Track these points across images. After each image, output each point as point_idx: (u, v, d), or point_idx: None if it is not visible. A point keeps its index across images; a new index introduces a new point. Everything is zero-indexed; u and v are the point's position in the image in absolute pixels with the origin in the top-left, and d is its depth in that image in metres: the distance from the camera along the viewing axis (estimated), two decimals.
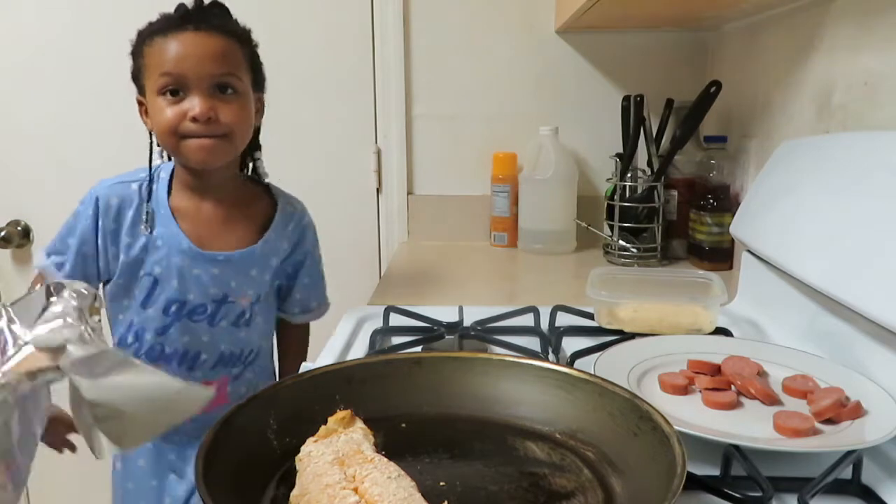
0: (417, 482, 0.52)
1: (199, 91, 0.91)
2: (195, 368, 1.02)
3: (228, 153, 0.97)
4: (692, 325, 0.92)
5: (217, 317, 1.01)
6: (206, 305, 1.00)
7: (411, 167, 1.67)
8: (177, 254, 0.98)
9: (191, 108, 0.91)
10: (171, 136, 0.93)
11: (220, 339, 1.02)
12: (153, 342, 1.01)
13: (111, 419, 0.40)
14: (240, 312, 1.03)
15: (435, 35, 1.61)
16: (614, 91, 1.59)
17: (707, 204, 1.33)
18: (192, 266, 0.99)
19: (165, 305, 1.00)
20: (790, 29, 1.17)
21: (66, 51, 1.62)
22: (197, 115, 0.91)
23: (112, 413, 0.40)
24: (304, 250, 1.11)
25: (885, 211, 0.74)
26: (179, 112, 0.92)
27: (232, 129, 0.94)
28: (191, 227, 1.00)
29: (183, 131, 0.92)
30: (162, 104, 0.92)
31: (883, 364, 0.74)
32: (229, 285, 1.01)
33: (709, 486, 0.55)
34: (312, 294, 1.14)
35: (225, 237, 1.01)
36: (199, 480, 0.46)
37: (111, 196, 0.99)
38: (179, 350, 1.01)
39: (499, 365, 0.67)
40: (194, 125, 0.91)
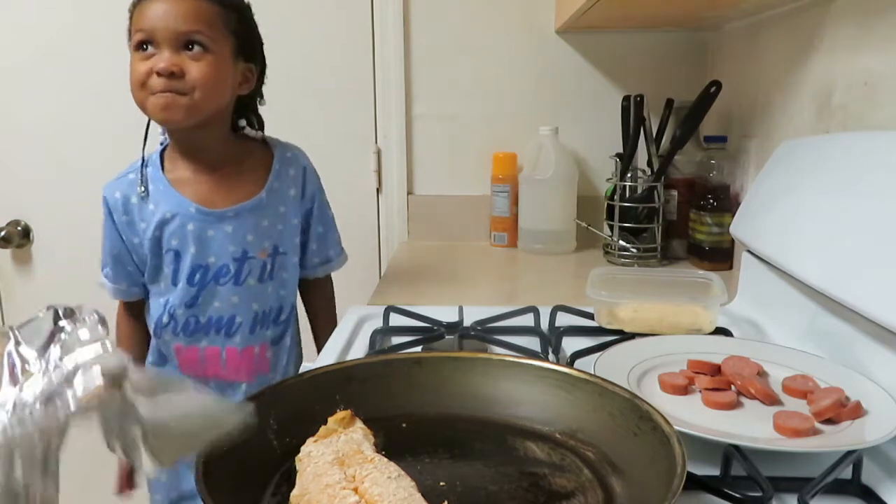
0: (417, 482, 0.52)
1: (167, 46, 0.93)
2: (233, 334, 1.04)
3: (192, 112, 0.95)
4: (692, 325, 0.92)
5: (241, 275, 1.03)
6: (228, 265, 1.02)
7: (411, 167, 1.67)
8: (188, 220, 1.01)
9: (157, 62, 0.93)
10: (139, 91, 0.95)
11: (251, 298, 1.04)
12: (187, 316, 1.03)
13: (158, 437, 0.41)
14: (262, 266, 1.04)
15: (435, 35, 1.61)
16: (614, 91, 1.59)
17: (707, 204, 1.33)
18: (206, 228, 1.01)
19: (189, 275, 1.02)
20: (790, 29, 1.17)
21: (66, 51, 1.62)
22: (160, 69, 0.92)
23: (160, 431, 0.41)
24: (311, 195, 1.12)
25: (885, 211, 0.74)
26: (147, 66, 0.93)
27: (196, 86, 0.94)
28: (193, 192, 1.02)
29: (149, 86, 0.94)
30: (134, 59, 0.95)
31: (883, 364, 0.74)
32: (246, 240, 1.03)
33: (709, 486, 0.55)
34: (328, 242, 1.16)
35: (229, 194, 1.03)
36: (199, 480, 0.46)
37: (115, 191, 1.03)
38: (213, 318, 1.03)
39: (499, 365, 0.67)
40: (158, 80, 0.93)
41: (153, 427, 0.41)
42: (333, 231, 1.18)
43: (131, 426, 0.41)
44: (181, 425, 0.42)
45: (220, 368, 1.05)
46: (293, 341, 1.14)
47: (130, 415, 0.40)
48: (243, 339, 1.05)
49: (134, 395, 0.40)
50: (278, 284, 1.07)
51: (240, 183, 1.05)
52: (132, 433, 0.41)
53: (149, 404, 0.40)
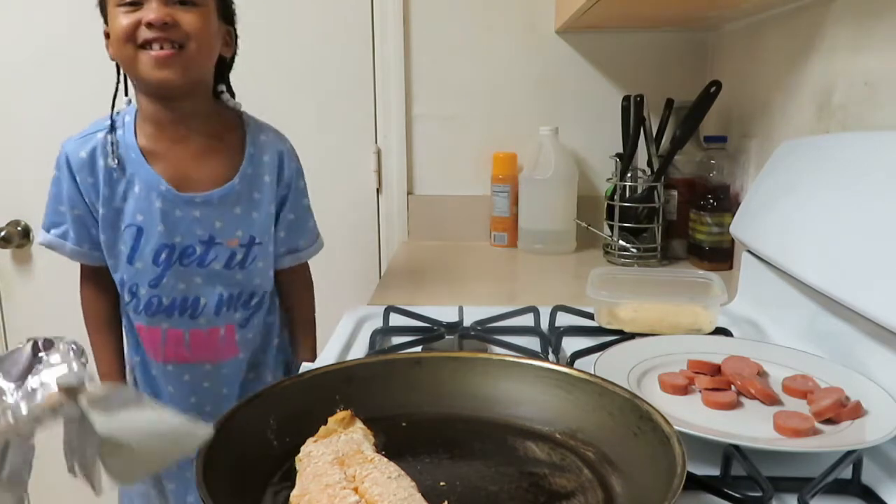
0: (417, 482, 0.52)
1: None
2: (197, 316, 1.00)
3: (189, 67, 0.91)
4: (692, 325, 0.92)
5: (207, 258, 0.98)
6: (195, 247, 0.98)
7: (411, 167, 1.67)
8: (156, 198, 0.96)
9: (146, 14, 0.87)
10: (127, 46, 0.89)
11: (216, 280, 1.00)
12: (149, 296, 0.99)
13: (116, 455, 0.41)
14: (230, 255, 1.00)
15: (435, 35, 1.61)
16: (614, 91, 1.59)
17: (707, 204, 1.33)
18: (173, 208, 0.96)
19: (155, 254, 0.97)
20: (790, 29, 1.17)
21: (66, 51, 1.62)
22: (153, 19, 0.86)
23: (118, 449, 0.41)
24: (287, 181, 1.05)
25: (885, 211, 0.74)
26: (135, 19, 0.87)
27: (190, 36, 0.89)
28: (165, 168, 0.96)
29: (139, 39, 0.88)
30: (117, 13, 0.89)
31: (883, 364, 0.74)
32: (214, 226, 0.98)
33: (709, 486, 0.55)
34: (299, 231, 1.09)
35: (202, 176, 0.98)
36: (199, 480, 0.46)
37: (79, 150, 0.97)
38: (178, 299, 0.99)
39: (499, 365, 0.67)
40: (150, 32, 0.87)
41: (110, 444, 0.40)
42: (306, 220, 1.11)
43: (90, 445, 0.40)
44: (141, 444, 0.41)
45: (183, 350, 1.01)
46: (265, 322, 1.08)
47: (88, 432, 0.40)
48: (208, 321, 1.01)
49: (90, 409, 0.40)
50: (250, 273, 1.02)
51: (214, 164, 0.99)
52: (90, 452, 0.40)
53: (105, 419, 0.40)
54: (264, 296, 1.07)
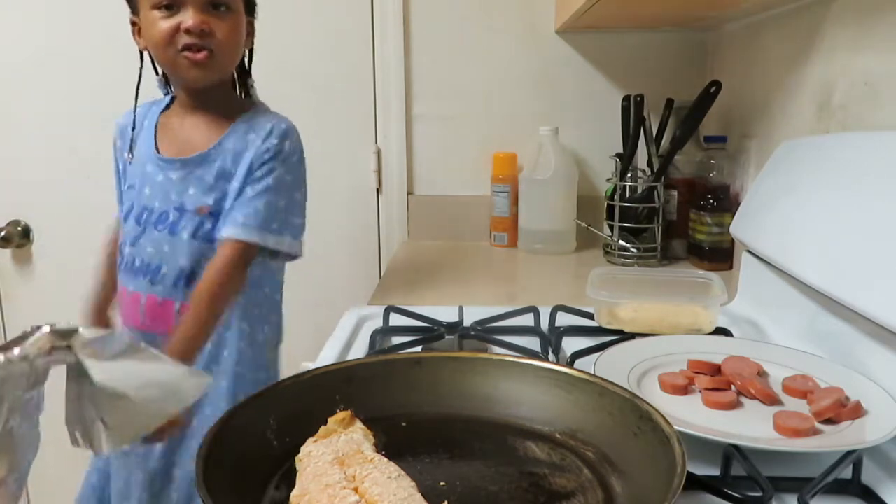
0: (417, 482, 0.52)
1: (194, 5, 0.94)
2: (156, 283, 1.02)
3: (219, 70, 0.99)
4: (692, 325, 0.92)
5: (178, 226, 1.01)
6: (168, 213, 1.02)
7: (411, 167, 1.67)
8: (147, 161, 1.04)
9: (184, 20, 0.93)
10: (166, 50, 0.95)
11: (180, 251, 1.01)
12: (130, 254, 1.04)
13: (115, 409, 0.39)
14: (198, 223, 1.01)
15: (435, 35, 1.61)
16: (614, 91, 1.59)
17: (707, 204, 1.33)
18: (156, 172, 1.02)
19: (138, 214, 1.03)
20: (790, 29, 1.17)
21: (66, 51, 1.62)
22: (191, 26, 0.93)
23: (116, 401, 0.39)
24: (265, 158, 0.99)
25: (885, 211, 0.74)
26: (173, 24, 0.94)
27: (223, 44, 0.96)
28: (163, 136, 1.05)
29: (179, 44, 0.94)
30: (155, 17, 0.94)
31: (883, 364, 0.74)
32: (187, 192, 1.01)
33: (709, 486, 0.55)
34: (243, 210, 0.98)
35: (189, 144, 1.02)
36: (199, 480, 0.46)
37: (121, 117, 1.10)
38: (146, 262, 1.02)
39: (499, 365, 0.67)
40: (188, 37, 0.93)
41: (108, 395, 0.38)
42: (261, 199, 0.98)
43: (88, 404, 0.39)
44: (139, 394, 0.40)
45: (138, 316, 1.02)
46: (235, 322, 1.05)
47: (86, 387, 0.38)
48: (163, 291, 1.02)
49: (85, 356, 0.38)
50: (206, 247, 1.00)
51: (203, 136, 1.03)
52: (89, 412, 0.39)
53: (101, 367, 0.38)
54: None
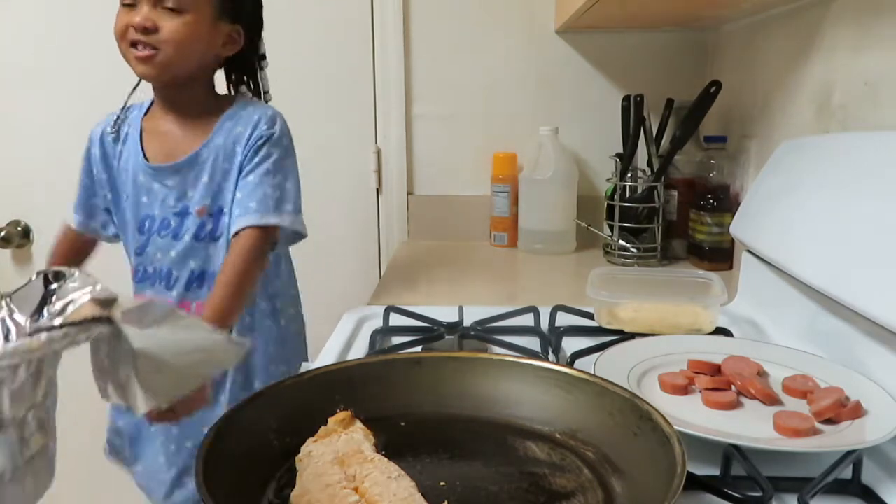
0: (417, 482, 0.52)
1: (147, 2, 0.96)
2: (172, 287, 1.05)
3: (163, 68, 0.98)
4: (692, 325, 0.92)
5: (181, 230, 1.03)
6: (169, 219, 1.04)
7: (411, 167, 1.67)
8: (138, 171, 1.04)
9: (134, 16, 0.96)
10: (120, 44, 0.99)
11: (188, 255, 1.04)
12: (136, 264, 1.07)
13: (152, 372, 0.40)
14: (199, 224, 1.03)
15: (435, 35, 1.61)
16: (614, 91, 1.59)
17: (707, 204, 1.33)
18: (149, 181, 1.04)
19: (139, 223, 1.05)
20: (790, 29, 1.17)
21: (66, 51, 1.62)
22: (135, 23, 0.95)
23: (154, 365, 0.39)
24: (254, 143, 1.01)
25: (885, 211, 0.74)
26: (128, 20, 0.97)
27: (168, 43, 0.96)
28: (151, 144, 1.05)
29: (128, 39, 0.97)
30: (119, 12, 0.99)
31: (883, 364, 0.74)
32: (186, 195, 1.03)
33: (709, 486, 0.55)
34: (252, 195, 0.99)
35: (178, 151, 1.04)
36: (199, 480, 0.46)
37: (99, 125, 1.09)
38: (158, 269, 1.05)
39: (499, 365, 0.67)
40: (133, 33, 0.96)
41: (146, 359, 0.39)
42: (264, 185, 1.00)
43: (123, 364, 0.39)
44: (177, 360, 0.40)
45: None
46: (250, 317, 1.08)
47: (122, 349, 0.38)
48: (179, 295, 1.04)
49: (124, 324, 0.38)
50: (220, 248, 1.02)
51: (191, 139, 1.04)
52: (125, 371, 0.39)
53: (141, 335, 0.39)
54: None
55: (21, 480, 0.35)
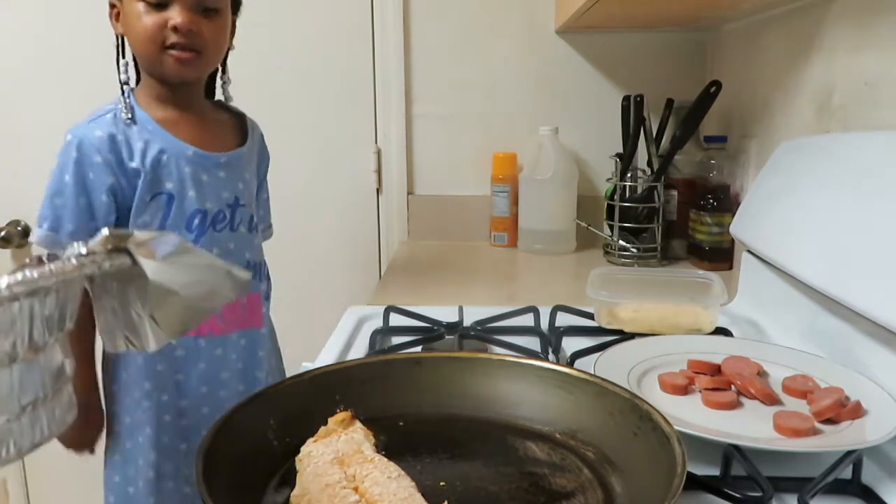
0: (417, 482, 0.52)
1: (182, 4, 0.92)
2: None
3: (203, 69, 0.99)
4: (692, 325, 0.92)
5: (235, 222, 1.03)
6: (223, 211, 1.02)
7: (411, 167, 1.67)
8: (185, 163, 0.98)
9: (172, 17, 0.92)
10: (151, 45, 0.93)
11: (244, 246, 1.04)
12: None
13: (164, 305, 0.40)
14: (250, 217, 1.05)
15: (435, 35, 1.61)
16: (614, 91, 1.59)
17: (707, 204, 1.33)
18: (201, 173, 0.99)
19: (188, 220, 0.98)
20: (790, 29, 1.17)
21: (66, 51, 1.62)
22: (179, 24, 0.91)
23: (165, 297, 0.40)
24: (266, 162, 1.14)
25: (886, 211, 0.74)
26: (160, 20, 0.92)
27: (209, 46, 0.95)
28: (184, 134, 0.99)
29: (166, 41, 0.93)
30: (139, 10, 0.92)
31: (883, 364, 0.74)
32: (237, 187, 1.03)
33: (709, 486, 0.55)
34: (268, 210, 1.18)
35: (215, 141, 1.03)
36: (199, 480, 0.46)
37: (94, 130, 0.95)
38: None
39: (499, 365, 0.67)
40: (176, 36, 0.92)
41: (158, 292, 0.39)
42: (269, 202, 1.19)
43: (135, 301, 0.40)
44: (186, 290, 0.41)
45: (215, 319, 1.01)
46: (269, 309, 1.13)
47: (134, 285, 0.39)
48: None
49: (140, 256, 0.39)
50: (259, 239, 1.08)
51: (221, 132, 1.05)
52: (136, 309, 0.40)
53: (155, 266, 0.39)
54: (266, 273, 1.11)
55: (52, 407, 0.36)
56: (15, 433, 0.33)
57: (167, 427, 1.01)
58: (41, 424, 0.35)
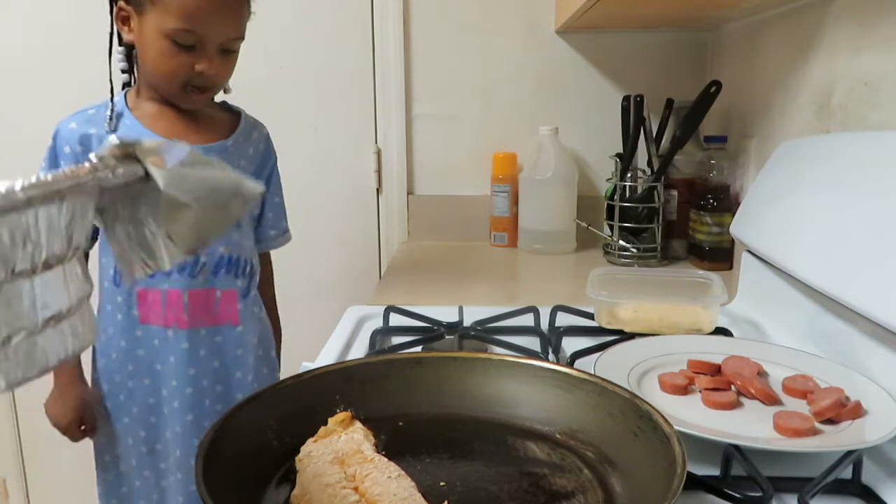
0: (417, 482, 0.52)
1: (212, 48, 0.95)
2: (196, 275, 1.02)
3: (212, 96, 1.05)
4: (692, 325, 0.92)
5: None
6: None
7: (411, 167, 1.67)
8: None
9: (197, 61, 0.95)
10: (171, 82, 0.97)
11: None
12: None
13: (177, 220, 0.39)
14: None
15: (435, 35, 1.61)
16: (614, 91, 1.59)
17: (707, 204, 1.33)
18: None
19: None
20: (790, 29, 1.17)
21: (65, 51, 1.62)
22: (205, 70, 0.95)
23: (179, 211, 0.39)
24: (271, 164, 1.14)
25: (885, 211, 0.74)
26: (187, 63, 0.95)
27: (222, 81, 1.01)
28: (161, 128, 1.01)
29: (190, 83, 0.97)
30: (167, 49, 0.95)
31: (883, 364, 0.74)
32: None
33: (709, 486, 0.55)
34: (280, 213, 1.18)
35: (197, 135, 1.04)
36: (199, 480, 0.46)
37: (69, 124, 1.01)
38: None
39: (499, 365, 0.67)
40: (200, 80, 0.97)
41: (172, 206, 0.38)
42: (283, 205, 1.18)
43: (148, 217, 0.39)
44: (200, 202, 0.40)
45: (181, 312, 1.01)
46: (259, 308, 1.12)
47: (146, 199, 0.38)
48: (207, 282, 1.02)
49: (150, 164, 0.38)
50: (243, 235, 1.07)
51: (207, 127, 1.05)
52: (150, 227, 0.39)
53: (166, 175, 0.38)
54: (255, 267, 1.10)
55: (75, 323, 0.35)
56: (39, 347, 0.32)
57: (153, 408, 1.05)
58: (64, 339, 0.34)
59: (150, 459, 1.06)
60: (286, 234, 1.19)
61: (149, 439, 1.06)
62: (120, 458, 1.08)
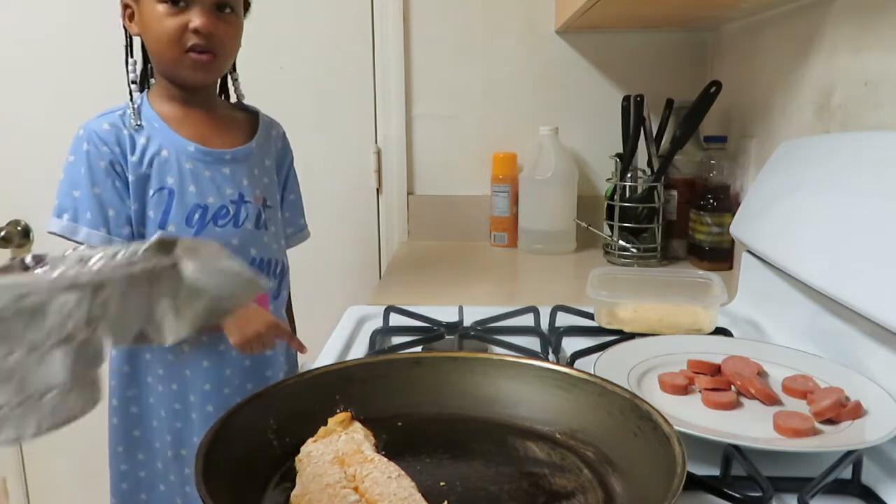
0: (417, 482, 0.52)
1: (202, 4, 0.94)
2: None
3: (218, 72, 1.02)
4: (692, 325, 0.92)
5: (239, 217, 1.03)
6: (227, 207, 1.02)
7: (411, 167, 1.67)
8: (186, 159, 1.00)
9: (192, 19, 0.93)
10: (172, 47, 0.95)
11: (248, 242, 1.04)
12: None
13: (190, 303, 0.42)
14: (258, 213, 1.05)
15: (435, 35, 1.61)
16: (614, 91, 1.59)
17: (707, 204, 1.33)
18: (203, 169, 1.01)
19: (188, 215, 1.00)
20: (790, 29, 1.17)
21: (65, 50, 1.62)
22: (199, 26, 0.93)
23: (196, 294, 0.42)
24: (288, 162, 1.16)
25: (885, 211, 0.74)
26: (181, 23, 0.94)
27: (225, 47, 0.98)
28: (189, 133, 1.01)
29: (186, 43, 0.95)
30: (160, 12, 0.94)
31: (883, 364, 0.74)
32: (242, 183, 1.03)
33: (709, 486, 0.55)
34: (298, 211, 1.19)
35: (223, 139, 1.04)
36: (199, 480, 0.46)
37: (102, 124, 0.99)
38: None
39: (499, 365, 0.67)
40: (195, 38, 0.94)
41: (190, 290, 0.42)
42: (301, 202, 1.20)
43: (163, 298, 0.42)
44: (216, 289, 0.44)
45: None
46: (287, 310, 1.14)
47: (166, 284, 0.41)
48: None
49: (182, 259, 0.42)
50: (272, 237, 1.07)
51: (229, 131, 1.06)
52: (162, 307, 0.42)
53: (193, 268, 0.42)
54: (284, 271, 1.11)
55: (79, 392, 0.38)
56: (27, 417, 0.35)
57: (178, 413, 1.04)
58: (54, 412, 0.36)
59: (175, 464, 1.06)
60: (304, 231, 1.20)
61: (175, 443, 1.05)
62: (141, 463, 1.07)
